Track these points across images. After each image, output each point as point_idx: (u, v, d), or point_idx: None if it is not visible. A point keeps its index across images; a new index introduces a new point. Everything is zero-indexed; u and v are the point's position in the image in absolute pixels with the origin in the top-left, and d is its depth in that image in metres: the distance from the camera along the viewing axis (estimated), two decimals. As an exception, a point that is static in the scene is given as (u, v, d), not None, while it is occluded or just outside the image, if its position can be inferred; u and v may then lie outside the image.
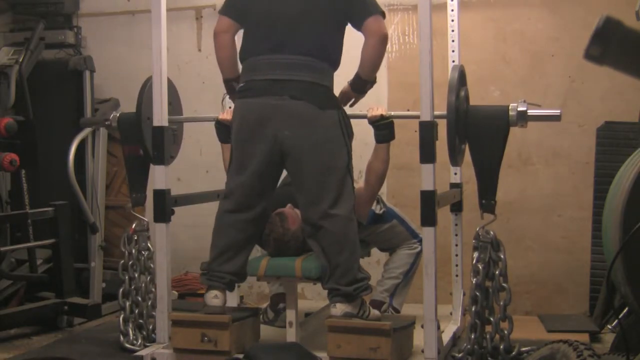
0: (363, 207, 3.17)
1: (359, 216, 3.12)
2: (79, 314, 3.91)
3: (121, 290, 3.40)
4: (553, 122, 3.64)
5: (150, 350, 3.05)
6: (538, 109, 3.02)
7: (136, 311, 3.41)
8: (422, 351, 2.82)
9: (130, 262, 3.40)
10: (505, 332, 2.97)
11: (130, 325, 3.39)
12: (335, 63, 2.94)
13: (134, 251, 3.40)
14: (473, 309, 2.97)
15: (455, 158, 3.09)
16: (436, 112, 2.85)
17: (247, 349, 2.70)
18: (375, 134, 3.14)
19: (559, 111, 3.05)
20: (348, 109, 3.07)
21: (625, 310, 3.06)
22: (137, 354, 3.07)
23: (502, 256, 2.98)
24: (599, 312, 3.68)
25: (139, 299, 3.41)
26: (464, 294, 3.55)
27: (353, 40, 2.98)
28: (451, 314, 3.61)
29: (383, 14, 2.89)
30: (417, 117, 2.84)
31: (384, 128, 3.12)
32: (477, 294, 2.96)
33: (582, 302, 3.96)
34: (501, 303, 2.97)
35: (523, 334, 3.09)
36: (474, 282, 2.97)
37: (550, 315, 3.94)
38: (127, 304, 3.39)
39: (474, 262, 2.99)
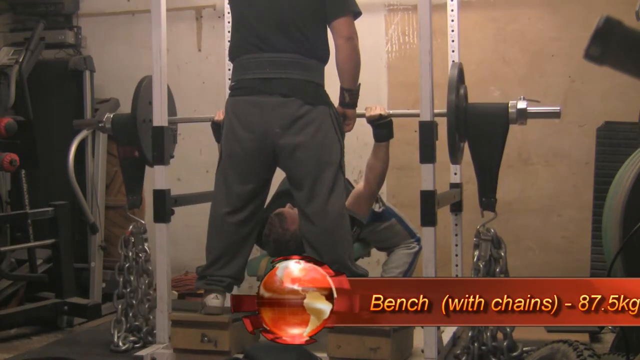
0: (363, 205, 3.17)
1: (360, 214, 3.13)
2: (79, 314, 3.90)
3: (116, 292, 3.42)
4: (553, 121, 3.66)
5: (150, 350, 3.05)
6: (537, 106, 3.01)
7: (130, 314, 3.41)
8: (422, 351, 2.83)
9: (127, 265, 3.41)
10: (508, 329, 2.97)
11: (123, 327, 3.39)
12: (323, 59, 2.92)
13: (130, 254, 3.41)
14: None
15: (455, 156, 3.09)
16: (436, 110, 2.85)
17: (247, 349, 2.69)
18: (374, 132, 3.15)
19: (558, 108, 3.05)
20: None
21: (625, 310, 3.06)
22: (137, 354, 3.07)
23: (502, 254, 2.98)
24: (599, 312, 3.68)
25: (134, 301, 3.41)
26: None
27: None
28: (451, 314, 3.60)
29: (356, 14, 2.87)
30: (416, 115, 2.84)
31: (382, 127, 3.12)
32: None
33: (582, 302, 3.96)
34: None
35: (523, 334, 3.08)
36: None
37: (550, 315, 3.92)
38: (120, 307, 3.40)
39: (475, 260, 2.99)
